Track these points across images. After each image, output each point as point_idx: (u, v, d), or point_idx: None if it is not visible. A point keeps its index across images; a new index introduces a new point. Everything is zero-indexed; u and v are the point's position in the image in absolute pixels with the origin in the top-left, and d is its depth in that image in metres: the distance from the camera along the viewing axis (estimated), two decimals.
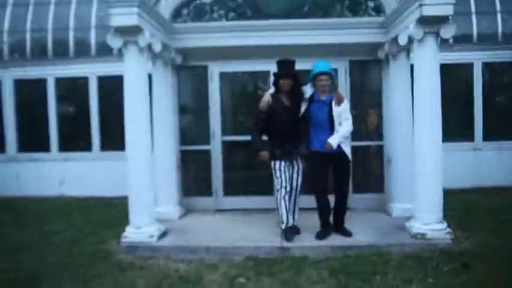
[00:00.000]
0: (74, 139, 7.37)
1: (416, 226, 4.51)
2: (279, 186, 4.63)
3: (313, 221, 4.72)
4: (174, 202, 5.60)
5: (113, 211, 5.96)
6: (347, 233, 4.60)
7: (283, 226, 4.61)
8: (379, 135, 5.82)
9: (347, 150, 4.52)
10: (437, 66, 4.42)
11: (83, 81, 7.28)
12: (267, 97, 4.64)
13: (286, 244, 4.43)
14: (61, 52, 7.34)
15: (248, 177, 5.97)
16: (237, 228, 4.98)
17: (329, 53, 5.46)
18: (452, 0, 4.13)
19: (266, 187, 4.92)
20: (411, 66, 4.76)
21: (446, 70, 4.96)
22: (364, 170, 5.92)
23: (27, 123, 7.45)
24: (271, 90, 4.69)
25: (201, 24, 5.46)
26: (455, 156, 6.63)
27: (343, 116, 4.45)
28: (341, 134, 4.46)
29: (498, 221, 5.08)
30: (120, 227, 4.79)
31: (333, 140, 4.43)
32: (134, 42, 4.46)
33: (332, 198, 4.65)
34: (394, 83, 5.35)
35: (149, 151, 4.67)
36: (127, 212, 4.67)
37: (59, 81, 7.35)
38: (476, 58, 6.99)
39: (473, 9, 7.04)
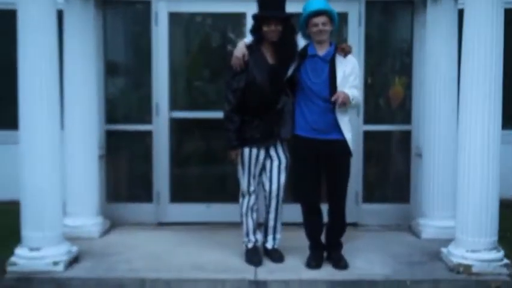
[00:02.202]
0: None
1: (458, 254, 4.48)
2: (242, 191, 4.72)
3: (302, 241, 4.69)
4: (93, 211, 5.46)
5: None
6: (340, 264, 4.55)
7: (246, 246, 4.74)
8: (405, 116, 5.85)
9: (348, 137, 4.45)
10: (500, 13, 4.31)
11: None
12: (241, 49, 4.50)
13: (262, 277, 4.38)
14: None
15: (209, 175, 5.96)
16: (188, 251, 4.94)
17: None
18: None
19: (235, 190, 4.87)
20: (461, 13, 4.68)
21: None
22: (381, 167, 5.97)
23: None
24: (248, 39, 4.58)
25: None
26: None
27: (351, 81, 4.38)
28: (356, 96, 4.39)
29: None
30: (7, 247, 4.61)
31: (346, 93, 4.28)
32: None
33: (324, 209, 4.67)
34: (433, 38, 5.29)
35: (57, 132, 4.51)
36: (18, 224, 4.50)
37: None
38: None
39: None
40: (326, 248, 4.66)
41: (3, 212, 5.89)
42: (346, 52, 4.43)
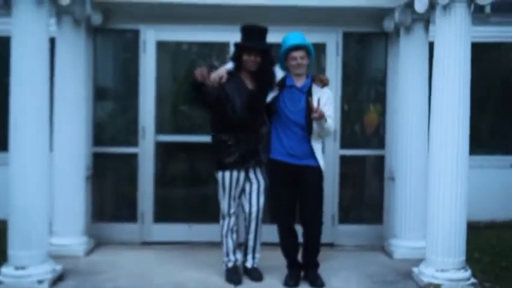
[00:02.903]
0: None
1: (428, 273, 4.48)
2: (222, 213, 4.67)
3: (280, 260, 4.67)
4: (79, 230, 5.39)
5: None
6: (317, 283, 4.50)
7: (226, 265, 4.70)
8: (379, 142, 5.86)
9: (321, 163, 4.46)
10: (467, 45, 4.39)
11: None
12: (222, 72, 4.51)
13: None
14: None
15: (192, 196, 5.91)
16: (171, 271, 4.88)
17: (314, 21, 5.47)
18: None
19: (216, 211, 4.83)
20: (431, 45, 4.73)
21: (479, 51, 4.91)
22: (356, 190, 5.95)
23: None
24: (229, 65, 4.60)
25: None
26: (487, 174, 6.67)
27: (325, 111, 4.35)
28: (329, 123, 4.38)
29: None
30: None
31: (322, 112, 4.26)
32: None
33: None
34: (406, 67, 5.34)
35: (46, 153, 4.48)
36: (4, 243, 4.45)
37: None
38: None
39: None
40: (303, 268, 4.62)
41: None
42: (324, 84, 4.46)
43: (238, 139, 4.49)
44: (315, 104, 4.22)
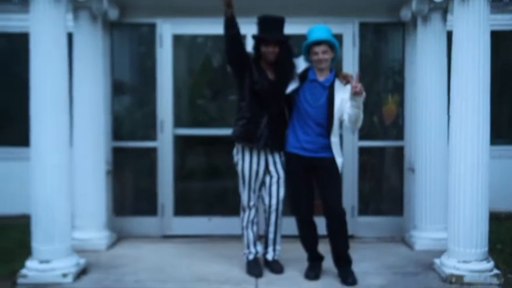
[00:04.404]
0: None
1: (450, 265, 4.45)
2: (242, 205, 4.68)
3: (301, 252, 4.67)
4: (101, 224, 5.43)
5: (7, 236, 5.72)
6: (348, 280, 4.38)
7: (247, 257, 4.71)
8: (398, 132, 5.84)
9: (339, 161, 4.40)
10: (486, 34, 4.35)
11: None
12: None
13: (263, 287, 4.35)
14: None
15: (211, 189, 5.93)
16: (191, 264, 4.90)
17: (330, 11, 5.46)
18: None
19: (235, 204, 4.88)
20: (449, 34, 4.70)
21: (497, 40, 4.87)
22: (375, 182, 5.93)
23: None
24: (252, 52, 4.59)
25: None
26: (506, 165, 6.60)
27: (348, 107, 4.25)
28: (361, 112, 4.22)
29: None
30: (17, 260, 4.62)
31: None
32: None
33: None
34: (423, 58, 5.29)
35: (66, 148, 4.52)
36: (28, 238, 4.46)
37: None
38: None
39: None
40: (335, 264, 4.50)
41: (14, 226, 5.87)
42: (347, 81, 4.31)
43: (267, 115, 4.47)
44: (354, 79, 4.15)
